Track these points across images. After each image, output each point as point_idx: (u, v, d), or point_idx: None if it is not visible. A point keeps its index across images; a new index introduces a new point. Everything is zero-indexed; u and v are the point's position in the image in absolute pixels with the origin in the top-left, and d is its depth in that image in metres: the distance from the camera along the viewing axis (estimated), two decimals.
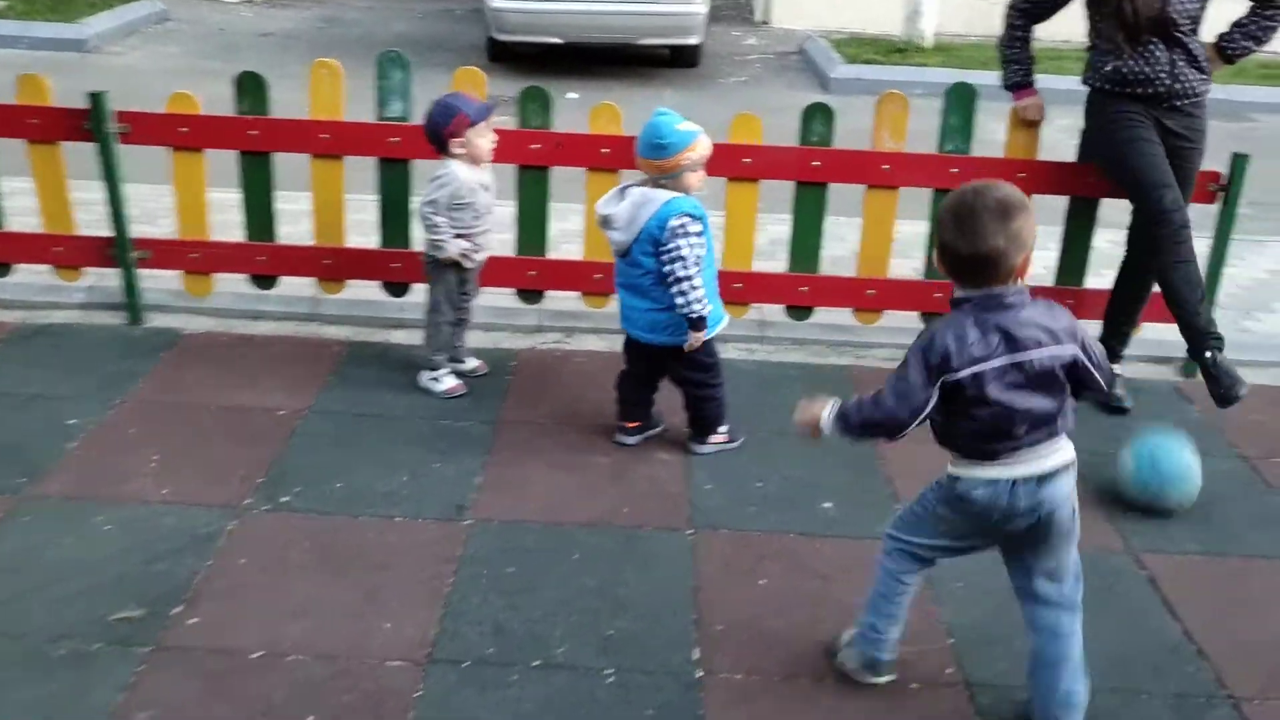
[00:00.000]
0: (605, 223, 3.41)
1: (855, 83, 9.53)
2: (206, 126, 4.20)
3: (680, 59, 10.41)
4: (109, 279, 4.46)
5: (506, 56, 10.28)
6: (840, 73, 9.83)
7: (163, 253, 4.40)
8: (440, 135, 3.62)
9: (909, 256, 5.04)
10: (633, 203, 3.34)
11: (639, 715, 2.58)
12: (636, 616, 2.89)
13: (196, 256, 4.38)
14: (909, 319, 4.55)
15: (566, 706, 2.59)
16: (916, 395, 2.31)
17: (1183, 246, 3.86)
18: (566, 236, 4.94)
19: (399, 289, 4.46)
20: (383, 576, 2.99)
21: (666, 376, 3.61)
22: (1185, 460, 3.42)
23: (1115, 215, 4.44)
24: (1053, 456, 2.37)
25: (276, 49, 10.34)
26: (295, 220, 4.67)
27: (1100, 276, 4.75)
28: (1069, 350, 2.33)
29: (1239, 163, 4.04)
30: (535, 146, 4.20)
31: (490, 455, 3.60)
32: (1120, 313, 4.21)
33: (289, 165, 4.36)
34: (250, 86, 4.19)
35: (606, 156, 4.19)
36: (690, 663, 2.74)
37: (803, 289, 4.42)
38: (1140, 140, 3.85)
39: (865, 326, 4.52)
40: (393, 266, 4.39)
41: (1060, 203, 4.40)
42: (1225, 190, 4.10)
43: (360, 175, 4.42)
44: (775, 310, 4.57)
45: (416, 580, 2.98)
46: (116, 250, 4.32)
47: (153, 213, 5.03)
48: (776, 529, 3.30)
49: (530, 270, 4.40)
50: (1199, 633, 2.95)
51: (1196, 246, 3.89)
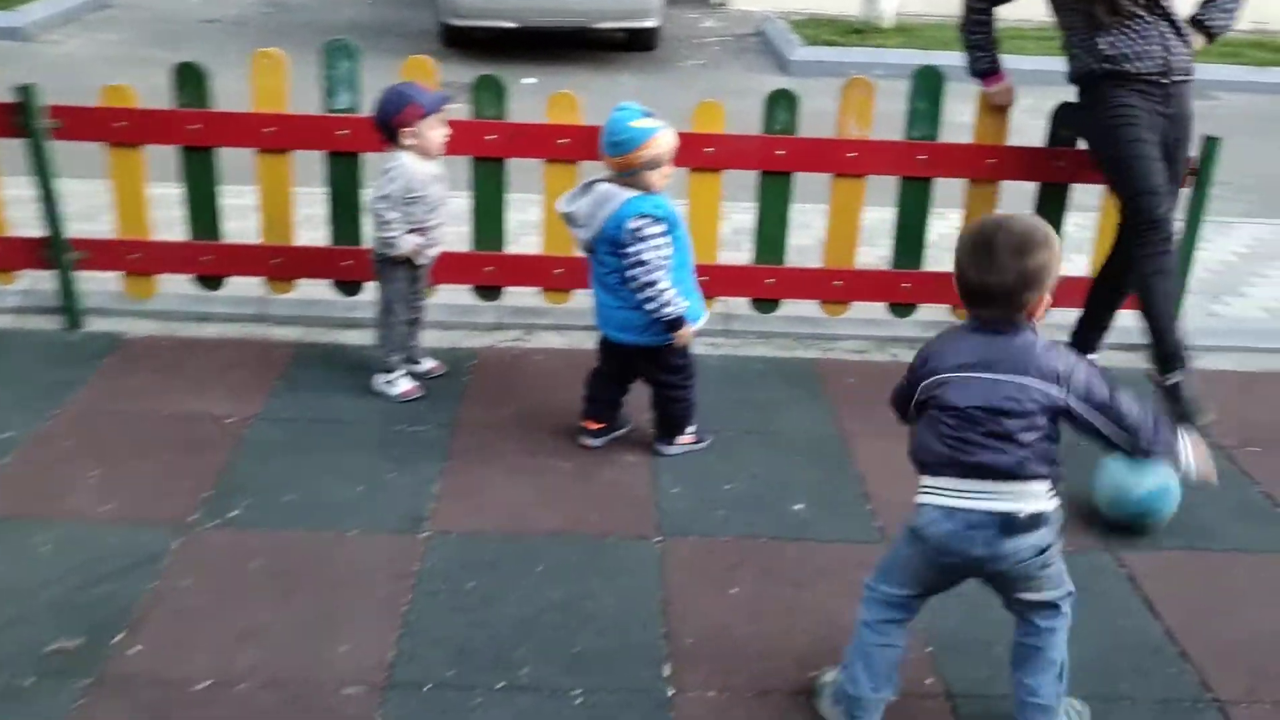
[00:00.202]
0: (568, 219, 3.29)
1: (815, 65, 9.43)
2: (144, 121, 4.01)
3: (638, 43, 10.26)
4: (45, 281, 4.26)
5: (461, 42, 10.08)
6: (799, 55, 9.72)
7: (101, 253, 4.20)
8: (390, 124, 3.46)
9: (875, 245, 4.94)
10: (594, 200, 3.22)
11: None
12: (604, 632, 2.77)
13: (137, 257, 4.20)
14: (877, 310, 4.45)
15: None
16: (901, 388, 2.46)
17: (1167, 258, 3.77)
18: (525, 229, 4.80)
19: (350, 288, 4.30)
20: (337, 595, 2.84)
21: (639, 377, 3.49)
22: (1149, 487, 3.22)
23: (1084, 198, 4.37)
24: (1014, 500, 2.23)
25: (221, 36, 10.06)
26: (244, 215, 4.48)
27: (1069, 261, 4.67)
28: (1048, 390, 2.20)
29: (1210, 145, 3.96)
30: (490, 137, 4.05)
31: (448, 461, 3.46)
32: (1101, 304, 4.12)
33: (236, 157, 4.18)
34: (190, 78, 4.00)
35: (565, 147, 4.05)
36: (661, 680, 2.63)
37: (769, 281, 4.31)
38: (1140, 142, 3.71)
39: (833, 319, 4.42)
40: (344, 264, 4.22)
41: (1030, 186, 4.31)
42: (1196, 173, 4.02)
43: (311, 167, 4.24)
44: (740, 303, 4.45)
45: (373, 599, 2.84)
46: (51, 251, 4.12)
47: (92, 210, 4.82)
48: (746, 533, 3.19)
49: (487, 266, 4.26)
50: (1181, 632, 2.87)
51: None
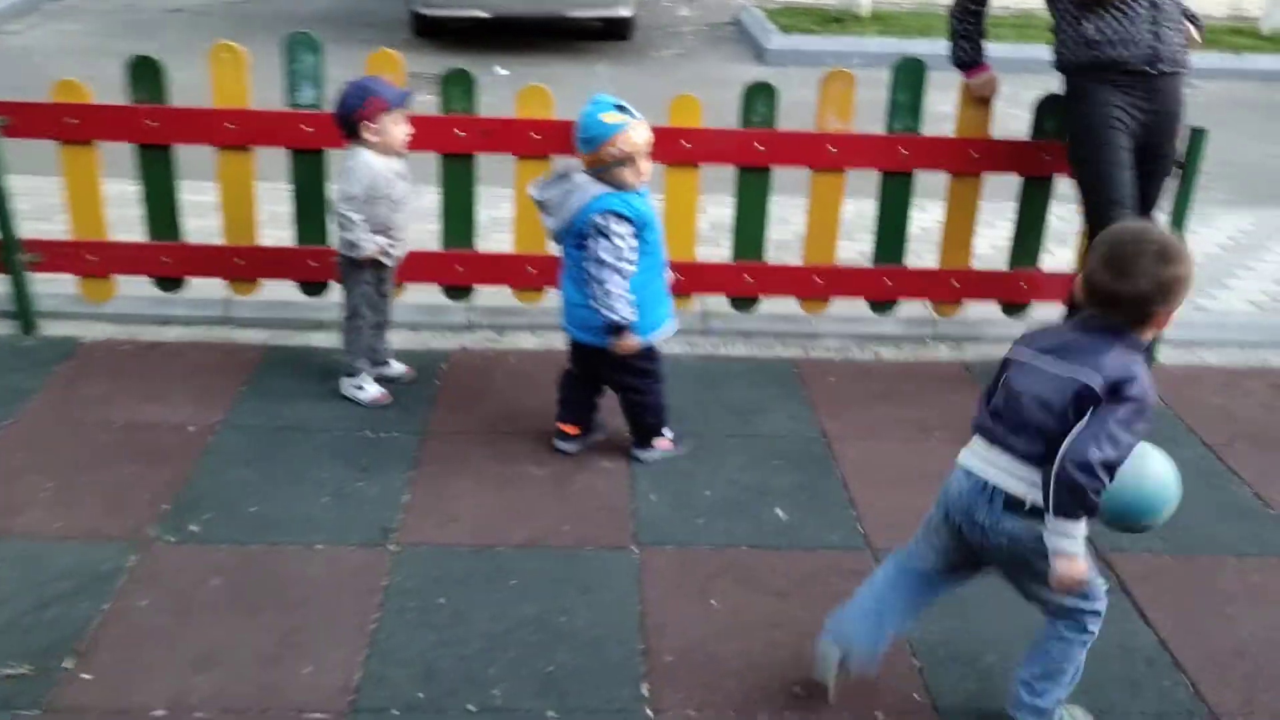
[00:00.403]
0: (540, 207, 3.19)
1: (792, 54, 9.32)
2: (97, 117, 3.86)
3: (613, 32, 10.13)
4: (2, 284, 4.11)
5: (432, 32, 9.92)
6: (776, 44, 9.61)
7: (56, 255, 4.05)
8: (352, 119, 3.33)
9: (854, 239, 4.85)
10: (566, 190, 3.11)
11: None
12: (579, 648, 2.66)
13: (93, 259, 4.05)
14: (858, 307, 4.36)
15: None
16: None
17: None
18: (498, 225, 4.68)
19: (316, 288, 4.17)
20: (301, 614, 2.72)
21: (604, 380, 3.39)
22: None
23: (1069, 190, 4.28)
24: (1025, 485, 2.26)
25: (187, 27, 9.87)
26: (206, 213, 4.33)
27: (1051, 255, 4.60)
28: (1092, 386, 2.16)
29: (1197, 137, 3.87)
30: (460, 133, 3.92)
31: (418, 470, 3.34)
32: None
33: (199, 151, 4.03)
34: (145, 72, 3.85)
35: (537, 142, 3.92)
36: (638, 699, 2.52)
37: (747, 278, 4.20)
38: (1118, 149, 3.64)
39: (813, 316, 4.32)
40: (310, 265, 4.09)
41: (1014, 179, 4.22)
42: (1182, 166, 3.94)
43: (278, 163, 4.09)
44: (719, 301, 4.35)
45: (338, 617, 2.72)
46: (3, 253, 3.97)
47: (49, 209, 4.66)
48: (726, 542, 3.09)
49: (457, 265, 4.13)
50: (1173, 641, 2.79)
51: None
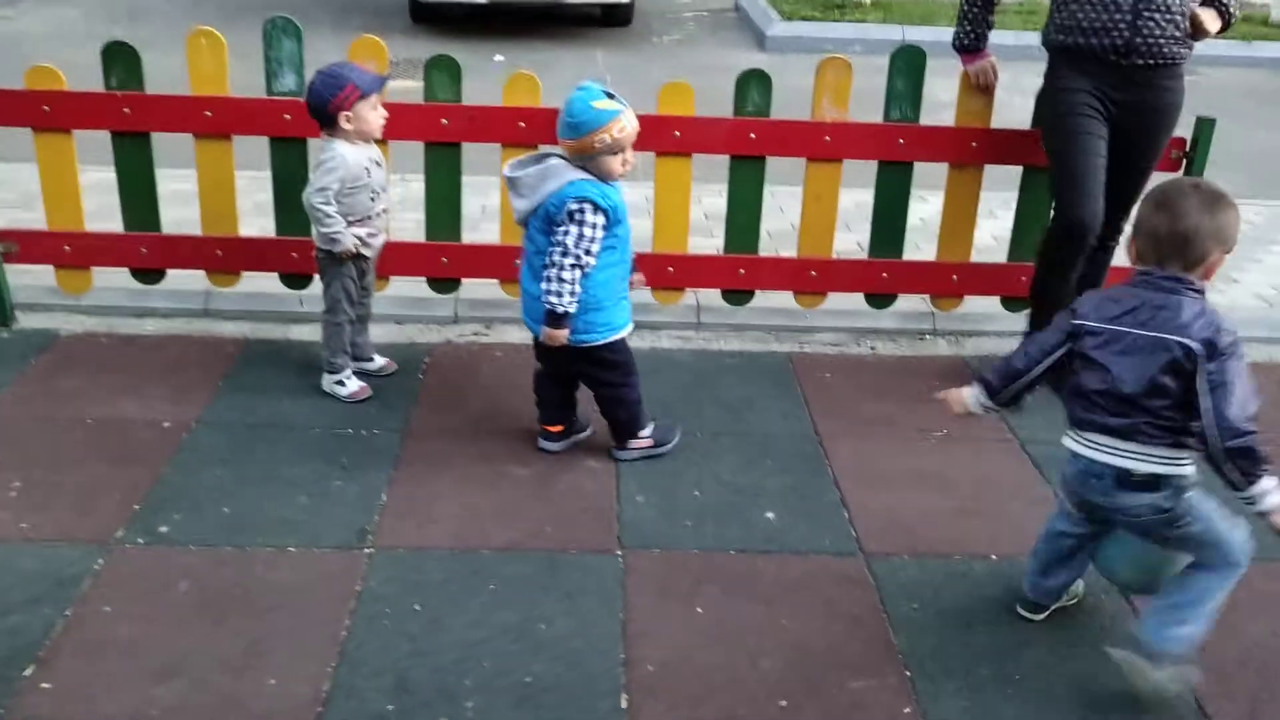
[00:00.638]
0: (511, 185, 3.07)
1: (793, 40, 9.20)
2: (72, 104, 3.76)
3: (612, 18, 10.00)
4: None
5: (429, 17, 9.81)
6: (777, 30, 9.48)
7: (31, 245, 3.96)
8: (326, 109, 3.23)
9: (853, 230, 4.75)
10: (541, 171, 3.00)
11: None
12: (558, 658, 2.57)
13: (69, 249, 3.95)
14: (854, 301, 4.25)
15: None
16: (1049, 336, 2.49)
17: (1069, 271, 3.63)
18: (488, 215, 4.58)
19: (298, 280, 4.07)
20: (270, 621, 2.63)
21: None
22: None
23: None
24: (1130, 459, 2.37)
25: (183, 10, 9.75)
26: (188, 202, 4.22)
27: None
28: (1186, 351, 2.27)
29: (1204, 127, 3.76)
30: (444, 121, 3.81)
31: (398, 469, 3.25)
32: (1075, 291, 3.91)
33: (181, 138, 3.92)
34: (120, 57, 3.75)
35: (523, 131, 3.81)
36: (617, 711, 2.43)
37: (740, 271, 4.09)
38: (1083, 135, 3.49)
39: (808, 310, 4.21)
40: (291, 256, 3.98)
41: (1015, 170, 4.11)
42: (1189, 158, 3.82)
43: (262, 152, 3.99)
44: (711, 295, 4.24)
45: (309, 624, 2.63)
46: None
47: (30, 197, 4.56)
48: (714, 546, 2.99)
49: (442, 257, 4.03)
50: None
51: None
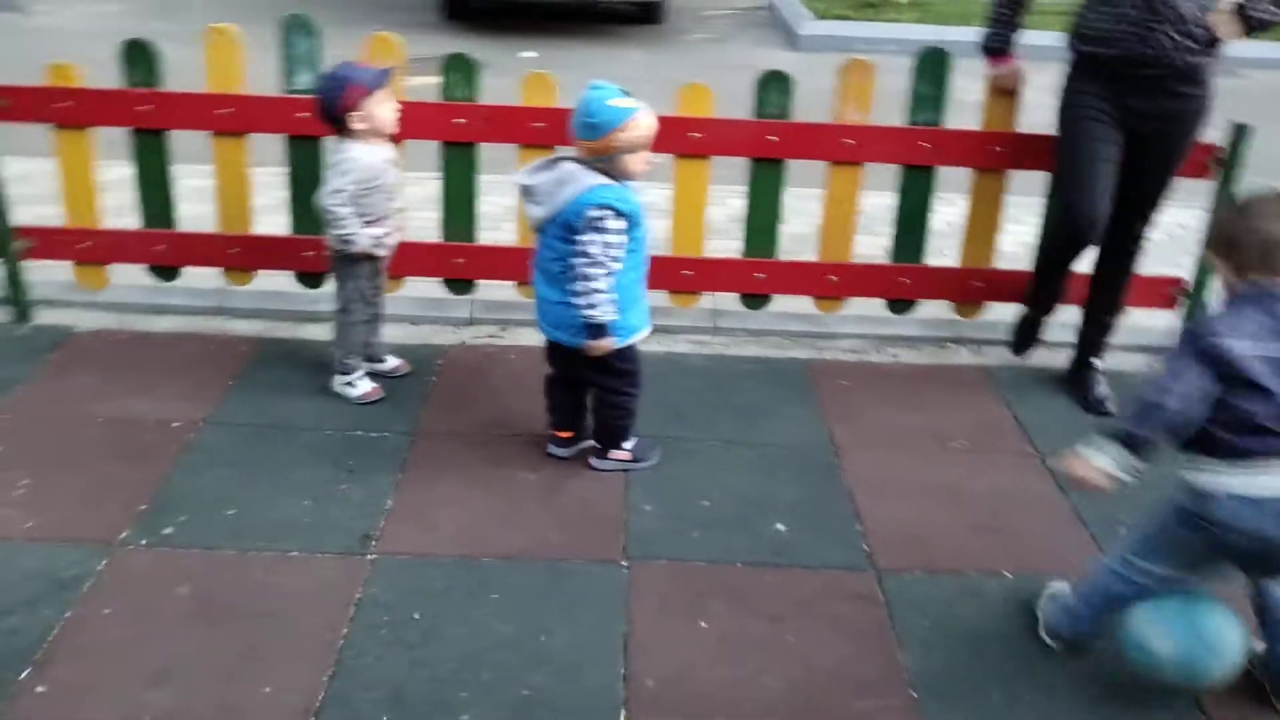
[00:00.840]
0: (526, 193, 3.01)
1: (825, 40, 9.10)
2: (91, 101, 3.75)
3: (645, 16, 9.95)
4: None
5: (464, 14, 9.80)
6: (809, 29, 9.39)
7: (49, 241, 3.96)
8: (334, 111, 3.20)
9: (877, 234, 4.66)
10: (557, 178, 2.94)
11: None
12: (557, 671, 2.52)
13: (86, 245, 3.95)
14: (875, 307, 4.17)
15: None
16: (1190, 369, 2.20)
17: (1065, 269, 3.68)
18: (509, 214, 4.53)
19: (313, 279, 4.05)
20: (268, 627, 2.60)
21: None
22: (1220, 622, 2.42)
23: None
24: None
25: (222, 7, 9.78)
26: (206, 197, 4.21)
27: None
28: None
29: (1240, 133, 3.64)
30: (460, 121, 3.78)
31: (405, 473, 3.22)
32: (1096, 298, 3.83)
33: (206, 135, 3.91)
34: (140, 56, 3.74)
35: (540, 131, 3.77)
36: None
37: (758, 275, 4.03)
38: (1090, 140, 3.44)
39: (827, 315, 4.14)
40: (305, 255, 3.96)
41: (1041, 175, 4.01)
42: (1224, 165, 3.72)
43: (274, 148, 3.97)
44: (729, 298, 4.18)
45: (306, 631, 2.60)
46: None
47: (54, 192, 4.57)
48: (721, 558, 2.93)
49: (457, 258, 3.99)
50: None
51: (1186, 220, 3.51)
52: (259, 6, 9.48)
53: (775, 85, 3.79)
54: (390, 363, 3.72)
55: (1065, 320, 3.95)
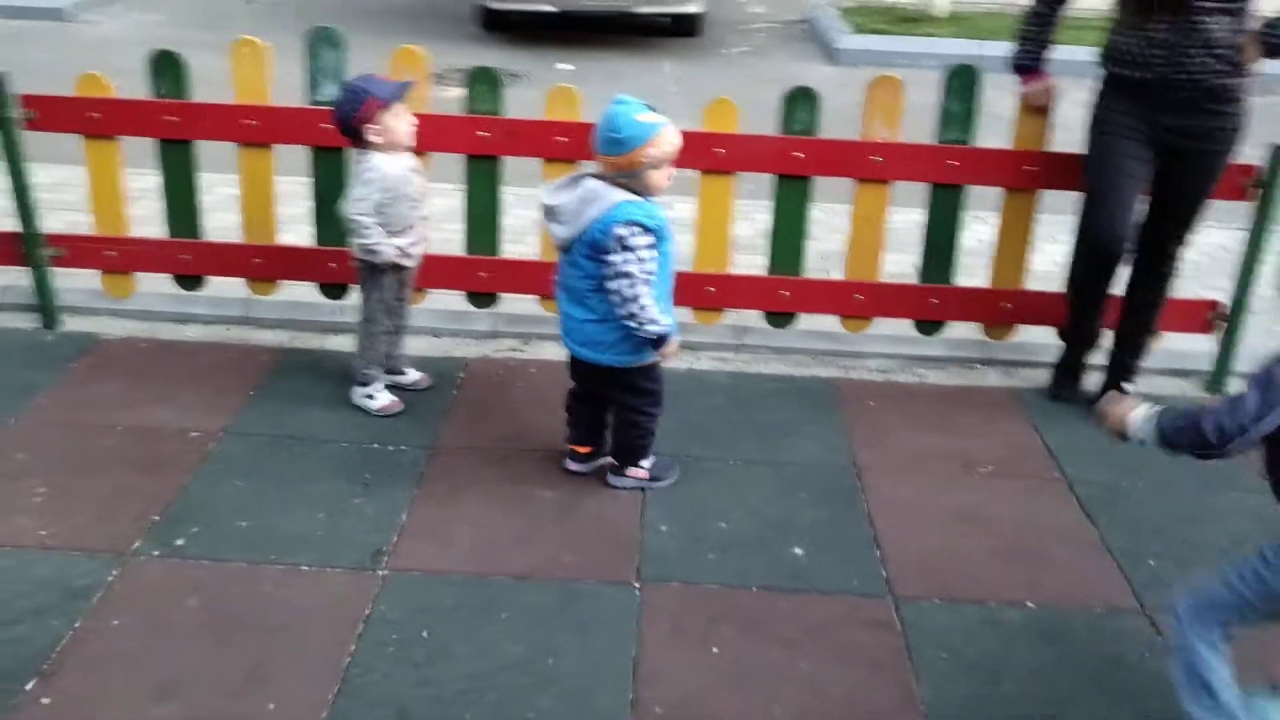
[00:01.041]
0: (549, 213, 2.98)
1: (863, 54, 9.03)
2: (119, 111, 3.78)
3: (682, 28, 9.93)
4: (26, 277, 4.05)
5: (500, 25, 9.83)
6: (847, 43, 9.32)
7: (78, 250, 3.99)
8: (351, 124, 3.19)
9: (908, 252, 4.59)
10: (581, 196, 2.91)
11: None
12: (564, 695, 2.48)
13: (114, 254, 3.98)
14: (903, 326, 4.11)
15: None
16: (1244, 413, 2.06)
17: (1097, 291, 3.61)
18: (534, 226, 4.50)
19: (336, 290, 4.05)
20: (275, 642, 2.59)
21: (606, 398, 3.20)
22: None
23: None
24: None
25: (261, 17, 9.91)
26: (232, 206, 4.22)
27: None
28: None
29: (1278, 155, 3.55)
30: (483, 134, 3.76)
31: (421, 488, 3.19)
32: (1128, 319, 3.74)
33: (226, 145, 3.92)
34: (167, 67, 3.76)
35: (563, 145, 3.75)
36: None
37: (783, 293, 3.98)
38: (1115, 156, 3.42)
39: (854, 335, 4.08)
40: (329, 266, 3.97)
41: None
42: (1264, 187, 3.62)
43: (303, 157, 3.97)
44: (754, 314, 4.13)
45: (314, 647, 2.58)
46: (26, 247, 3.91)
47: (86, 200, 4.61)
48: (736, 582, 2.88)
49: (481, 271, 3.98)
50: None
51: (1226, 242, 3.43)
52: (302, 17, 9.58)
53: (802, 101, 3.75)
54: (411, 375, 3.71)
55: (1098, 342, 3.87)
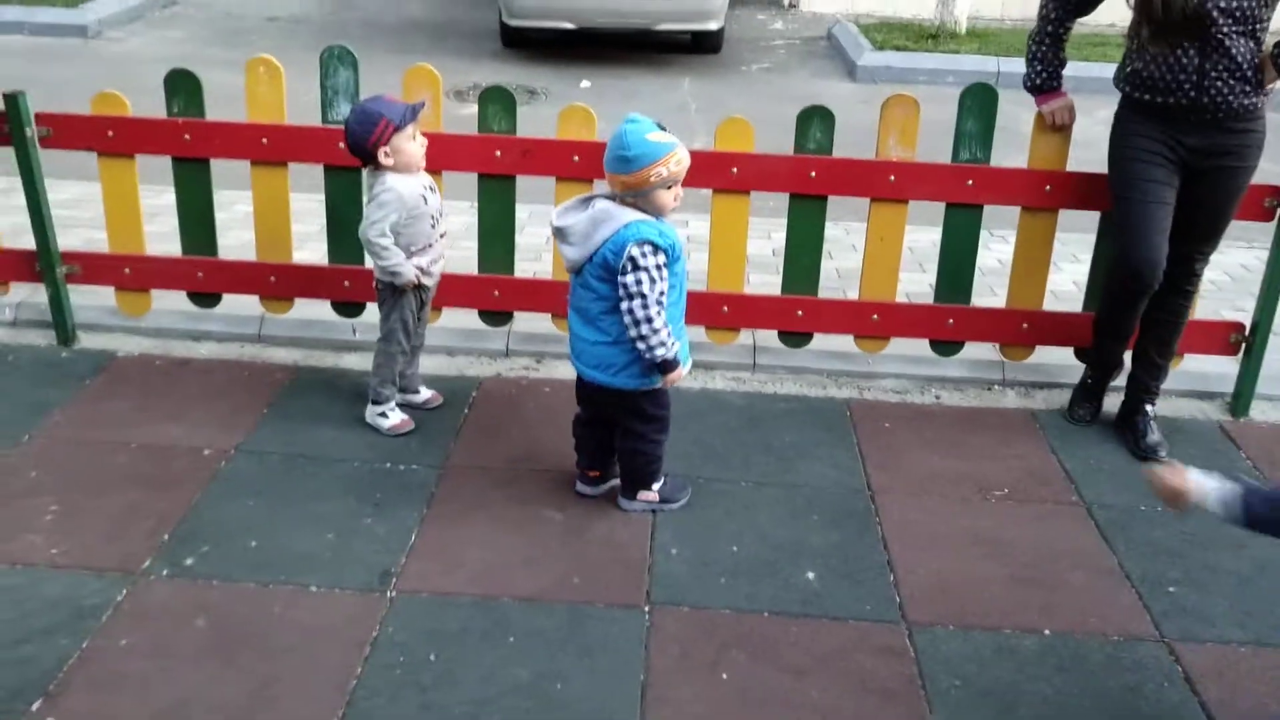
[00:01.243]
0: (559, 235, 2.97)
1: (884, 70, 8.99)
2: (135, 130, 3.79)
3: (702, 45, 9.92)
4: (42, 294, 4.07)
5: (520, 43, 9.84)
6: (868, 60, 9.29)
7: (93, 267, 4.00)
8: (364, 147, 3.19)
9: (927, 271, 4.56)
10: (592, 217, 2.89)
11: None
12: None
13: (129, 272, 3.99)
14: (919, 347, 4.06)
15: None
16: None
17: (1130, 313, 3.55)
18: (548, 245, 4.50)
19: (351, 309, 4.04)
20: (282, 664, 2.57)
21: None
22: None
23: None
24: None
25: (282, 34, 9.95)
26: (248, 224, 4.22)
27: None
28: None
29: None
30: (497, 153, 3.76)
31: (431, 508, 3.18)
32: (1148, 340, 3.69)
33: (244, 162, 3.93)
34: (182, 85, 3.78)
35: (578, 165, 3.74)
36: None
37: (798, 313, 3.95)
38: (1145, 182, 3.37)
39: (869, 355, 4.04)
40: (344, 285, 3.96)
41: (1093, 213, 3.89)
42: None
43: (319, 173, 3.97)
44: (768, 333, 4.10)
45: (320, 669, 2.56)
46: (43, 264, 3.93)
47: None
48: (747, 607, 2.84)
49: (494, 290, 3.96)
50: None
51: (1248, 261, 3.39)
52: (321, 35, 9.64)
53: (816, 120, 3.72)
54: (423, 394, 3.70)
55: (1121, 368, 3.82)
